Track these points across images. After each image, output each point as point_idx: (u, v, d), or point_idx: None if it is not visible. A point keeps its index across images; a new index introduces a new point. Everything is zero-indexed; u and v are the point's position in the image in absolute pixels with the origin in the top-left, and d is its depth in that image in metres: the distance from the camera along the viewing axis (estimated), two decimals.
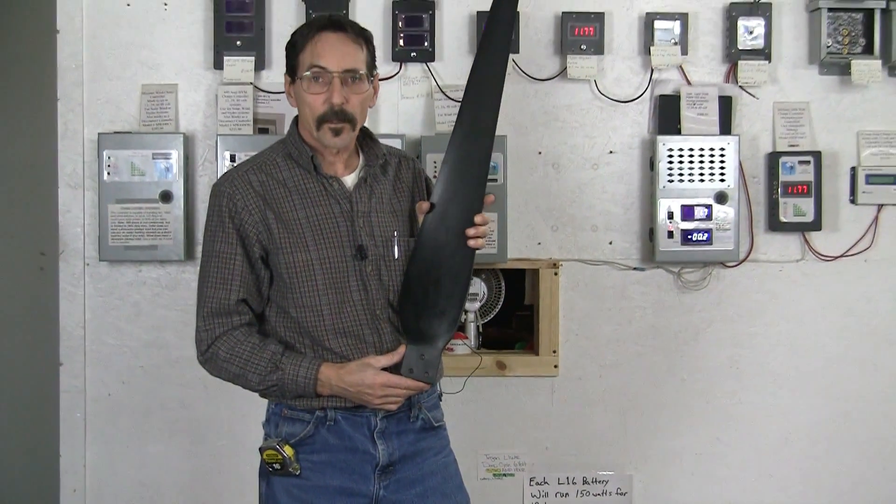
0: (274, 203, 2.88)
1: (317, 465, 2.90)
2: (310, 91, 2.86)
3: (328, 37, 2.86)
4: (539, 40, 4.28)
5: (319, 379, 2.82)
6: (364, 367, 2.82)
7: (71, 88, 4.18)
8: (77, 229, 4.20)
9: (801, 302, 4.38)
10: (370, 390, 2.80)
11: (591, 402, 4.36)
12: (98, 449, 4.26)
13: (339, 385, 2.82)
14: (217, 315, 2.89)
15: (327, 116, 2.86)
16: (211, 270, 2.91)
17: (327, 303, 2.86)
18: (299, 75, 2.88)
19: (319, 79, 2.85)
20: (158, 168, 4.10)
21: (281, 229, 2.86)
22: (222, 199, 2.90)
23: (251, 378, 2.86)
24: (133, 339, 4.23)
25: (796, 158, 4.28)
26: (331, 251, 2.87)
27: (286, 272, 2.86)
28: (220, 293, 2.88)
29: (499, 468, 4.36)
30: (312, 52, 2.85)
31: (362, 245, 2.89)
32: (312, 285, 2.86)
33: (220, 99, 4.16)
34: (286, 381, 2.83)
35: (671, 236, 4.22)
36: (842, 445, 4.43)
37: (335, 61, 2.85)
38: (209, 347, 2.89)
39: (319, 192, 2.92)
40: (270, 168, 2.94)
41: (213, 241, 2.91)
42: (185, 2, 4.20)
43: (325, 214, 2.90)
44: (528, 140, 4.28)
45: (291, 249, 2.86)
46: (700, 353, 4.37)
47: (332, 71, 2.84)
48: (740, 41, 4.27)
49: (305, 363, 2.83)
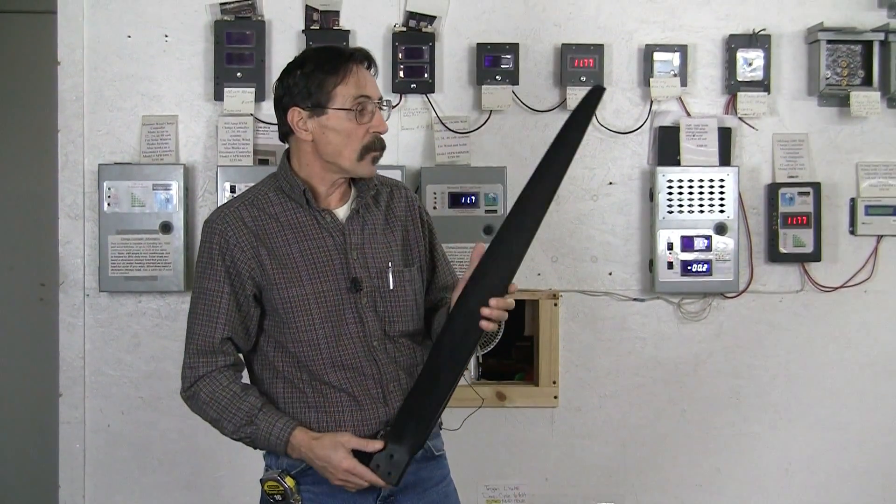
0: (267, 239, 2.87)
1: (318, 497, 2.88)
2: (359, 122, 2.84)
3: (361, 69, 2.86)
4: (539, 72, 4.29)
5: (291, 442, 2.81)
6: (335, 447, 2.78)
7: (72, 120, 4.19)
8: (77, 260, 4.20)
9: (801, 333, 4.38)
10: (334, 470, 2.77)
11: (591, 433, 4.36)
12: (97, 480, 4.25)
13: (308, 454, 2.80)
14: (202, 354, 2.88)
15: (375, 146, 2.87)
16: (198, 307, 2.90)
17: (324, 336, 2.85)
18: (338, 105, 2.83)
19: (364, 109, 2.84)
20: (159, 199, 4.11)
21: (274, 265, 2.85)
22: (214, 237, 2.88)
23: (226, 426, 2.85)
24: (133, 369, 4.23)
25: (796, 189, 4.28)
26: (325, 285, 2.86)
27: (282, 307, 2.85)
28: (205, 330, 2.88)
29: (499, 499, 4.35)
30: (357, 83, 2.83)
31: (356, 278, 2.88)
32: (309, 320, 2.85)
33: (221, 130, 4.17)
34: (259, 436, 2.83)
35: (671, 267, 4.23)
36: (841, 476, 4.42)
37: (375, 91, 2.87)
38: (192, 385, 2.89)
39: (312, 226, 2.90)
40: (262, 203, 2.92)
41: (202, 277, 2.90)
42: (186, 34, 4.22)
43: (319, 248, 2.88)
44: (527, 171, 4.16)
45: (286, 285, 2.85)
46: (700, 384, 4.36)
47: (375, 101, 2.86)
48: (739, 73, 4.29)
49: (280, 424, 2.82)
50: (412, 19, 4.23)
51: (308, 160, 2.91)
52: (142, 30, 4.21)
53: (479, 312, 2.75)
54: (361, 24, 4.25)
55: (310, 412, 2.87)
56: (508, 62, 4.22)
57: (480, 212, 4.17)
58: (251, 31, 4.18)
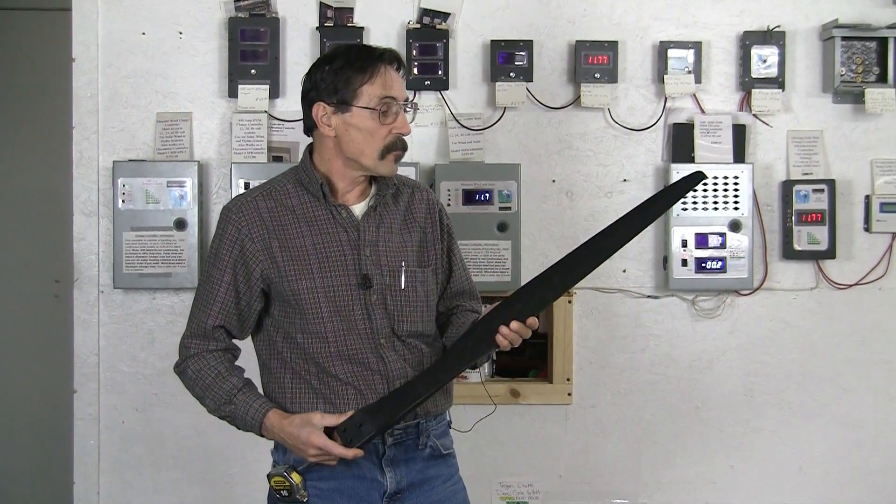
0: (280, 231, 2.89)
1: (325, 493, 2.89)
2: (382, 122, 2.86)
3: (390, 69, 2.88)
4: (553, 69, 4.29)
5: (265, 423, 2.86)
6: (305, 425, 2.81)
7: (86, 117, 4.20)
8: (91, 257, 4.21)
9: (816, 330, 4.37)
10: (303, 446, 2.80)
11: (605, 431, 4.36)
12: (112, 476, 4.26)
13: (280, 434, 2.85)
14: (195, 336, 2.96)
15: (397, 146, 2.90)
16: (200, 291, 2.98)
17: (332, 330, 2.87)
18: (363, 104, 2.85)
19: (388, 110, 2.86)
20: (173, 196, 4.12)
21: (286, 257, 2.87)
22: (228, 225, 2.92)
23: (208, 403, 2.93)
24: (147, 366, 4.24)
25: (810, 187, 4.28)
26: (335, 279, 2.88)
27: (292, 298, 2.87)
28: (200, 315, 2.95)
29: (512, 496, 4.35)
30: (384, 84, 2.85)
31: (367, 274, 2.89)
32: (318, 312, 2.86)
33: (235, 127, 4.18)
34: (237, 416, 2.89)
35: (685, 264, 4.22)
36: (855, 474, 4.42)
37: (401, 92, 2.90)
38: (182, 362, 2.97)
39: (327, 220, 2.92)
40: (280, 195, 2.94)
41: (209, 263, 2.97)
42: (200, 31, 4.23)
43: (332, 242, 2.90)
44: (541, 168, 4.28)
45: (297, 276, 2.86)
46: (714, 382, 4.36)
47: (401, 103, 2.89)
48: (754, 70, 4.28)
49: (256, 405, 2.87)
50: (426, 16, 4.23)
51: (329, 155, 2.93)
52: (156, 27, 4.22)
53: (497, 329, 2.83)
54: (375, 20, 4.25)
55: (317, 403, 2.88)
56: (522, 59, 4.22)
57: (494, 209, 4.17)
58: (265, 28, 4.18)
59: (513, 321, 2.81)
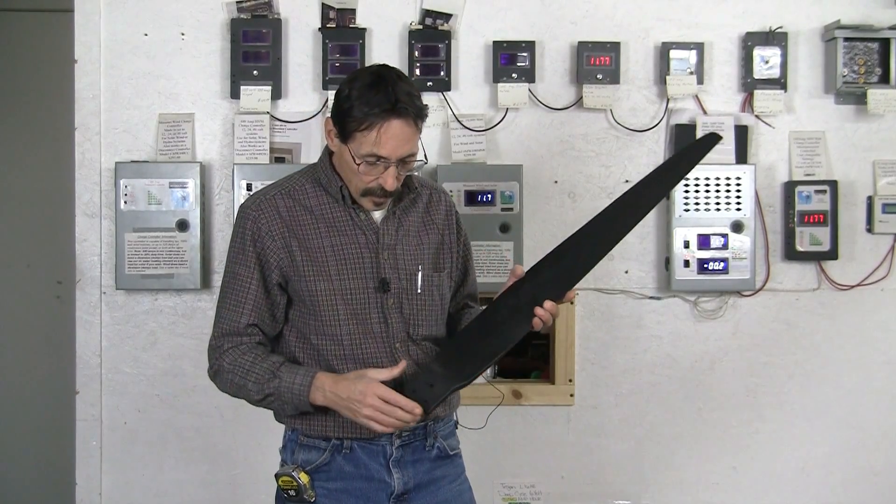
0: (299, 230, 2.88)
1: (332, 493, 2.90)
2: (365, 173, 2.80)
3: (392, 125, 2.74)
4: (555, 70, 4.29)
5: (314, 384, 2.77)
6: (360, 378, 2.75)
7: (88, 118, 4.20)
8: (94, 258, 4.21)
9: (818, 331, 4.37)
10: (360, 397, 2.70)
11: (607, 432, 4.36)
12: (114, 477, 4.26)
13: (332, 391, 2.75)
14: (228, 334, 2.90)
15: (375, 192, 2.84)
16: (228, 291, 2.92)
17: (348, 333, 2.86)
18: (356, 152, 2.78)
19: (370, 165, 2.79)
20: (175, 197, 4.12)
21: (304, 257, 2.86)
22: (247, 223, 2.90)
23: (251, 387, 2.83)
24: (149, 367, 4.24)
25: (812, 188, 4.28)
26: (353, 282, 2.87)
27: (309, 299, 2.86)
28: (232, 315, 2.89)
29: (514, 497, 4.35)
30: (377, 141, 2.75)
31: (385, 278, 2.89)
32: (334, 314, 2.86)
33: (237, 128, 4.18)
34: (283, 388, 2.79)
35: (687, 265, 4.22)
36: (858, 475, 4.42)
37: (395, 150, 2.77)
38: (217, 361, 2.90)
39: (346, 222, 2.91)
40: (298, 194, 2.93)
41: (234, 262, 2.92)
42: (203, 32, 4.22)
43: (350, 244, 2.89)
44: (544, 169, 4.28)
45: (314, 278, 2.85)
46: (716, 383, 4.36)
47: (392, 160, 2.78)
48: (756, 71, 4.28)
49: (303, 371, 2.81)
50: (428, 17, 4.23)
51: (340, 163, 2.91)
52: (158, 28, 4.22)
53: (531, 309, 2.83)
54: (377, 22, 4.25)
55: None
56: (525, 60, 4.22)
57: (497, 210, 4.17)
58: (267, 30, 4.18)
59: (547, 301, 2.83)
